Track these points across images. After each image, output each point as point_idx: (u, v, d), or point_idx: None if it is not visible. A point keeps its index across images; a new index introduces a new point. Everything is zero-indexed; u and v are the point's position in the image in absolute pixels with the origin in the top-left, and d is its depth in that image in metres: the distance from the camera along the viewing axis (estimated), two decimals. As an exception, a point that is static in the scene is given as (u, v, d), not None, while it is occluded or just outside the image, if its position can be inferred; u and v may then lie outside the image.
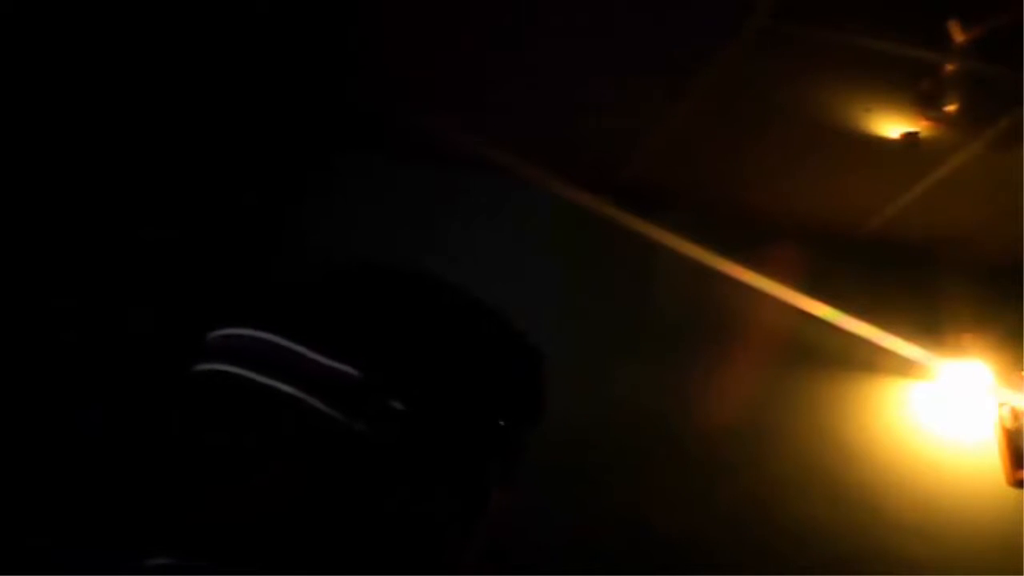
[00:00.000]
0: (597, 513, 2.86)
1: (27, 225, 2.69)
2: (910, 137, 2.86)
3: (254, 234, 2.93)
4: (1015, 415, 3.30)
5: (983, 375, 3.33)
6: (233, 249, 2.88)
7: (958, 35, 2.47)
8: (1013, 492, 3.24)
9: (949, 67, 2.59)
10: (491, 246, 3.11)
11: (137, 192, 2.83)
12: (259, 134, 2.97)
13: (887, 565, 3.01)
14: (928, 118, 2.75)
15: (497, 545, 0.83)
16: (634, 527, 2.85)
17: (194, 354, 0.82)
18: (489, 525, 0.83)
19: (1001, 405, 3.33)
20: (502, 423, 0.84)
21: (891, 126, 2.87)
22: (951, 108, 2.66)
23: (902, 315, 3.27)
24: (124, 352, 2.62)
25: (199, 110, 2.88)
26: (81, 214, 2.75)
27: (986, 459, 3.29)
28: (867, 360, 3.27)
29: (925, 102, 2.69)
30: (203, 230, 2.87)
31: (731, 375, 3.11)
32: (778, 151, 3.07)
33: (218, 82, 2.82)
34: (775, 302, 3.14)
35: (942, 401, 3.35)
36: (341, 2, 2.59)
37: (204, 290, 2.78)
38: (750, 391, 3.12)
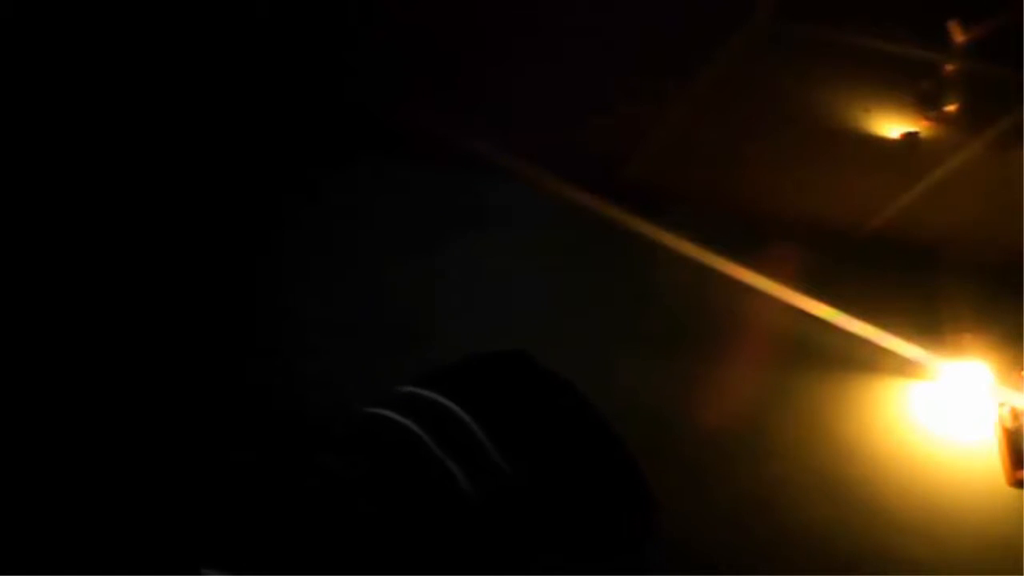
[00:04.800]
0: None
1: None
2: (910, 137, 2.87)
3: (253, 233, 2.93)
4: (1015, 415, 3.30)
5: (983, 375, 3.33)
6: (233, 249, 2.88)
7: (958, 35, 2.47)
8: (1013, 492, 3.23)
9: (949, 67, 2.60)
10: (491, 246, 3.11)
11: (136, 192, 2.83)
12: (261, 137, 2.97)
13: (887, 565, 3.01)
14: (928, 118, 2.76)
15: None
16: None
17: (372, 399, 0.86)
18: None
19: (1001, 405, 3.33)
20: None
21: (891, 126, 2.87)
22: (951, 108, 2.67)
23: (902, 315, 3.26)
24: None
25: (203, 114, 2.87)
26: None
27: (986, 459, 3.28)
28: (867, 360, 3.27)
29: (925, 102, 2.70)
30: (204, 230, 2.87)
31: (731, 375, 3.11)
32: (778, 151, 3.07)
33: (222, 86, 2.82)
34: (775, 302, 3.14)
35: (942, 401, 3.34)
36: (342, 5, 2.59)
37: (203, 287, 2.78)
38: (750, 391, 3.12)
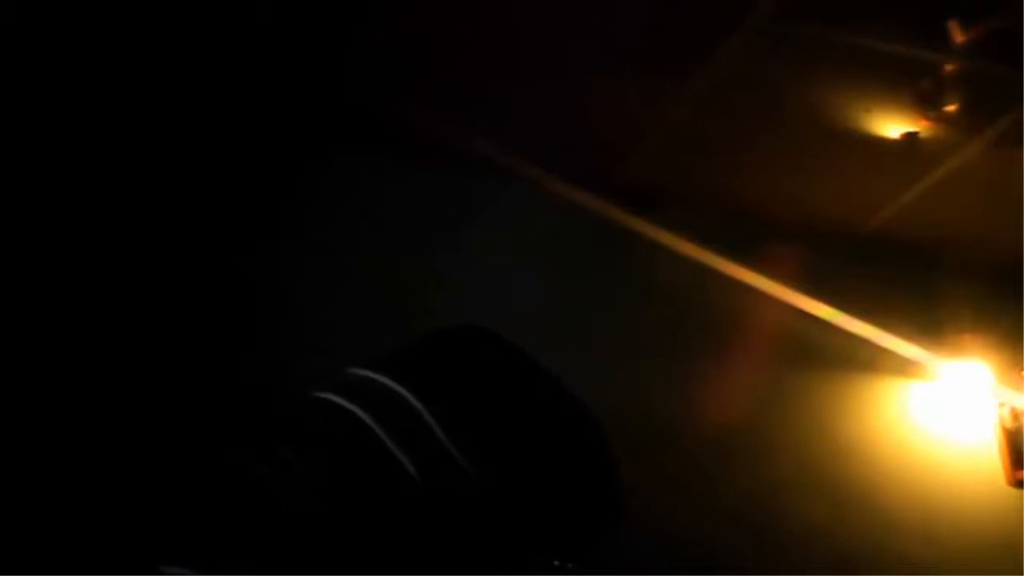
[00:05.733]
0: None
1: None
2: (910, 137, 2.87)
3: (253, 233, 2.93)
4: (1015, 415, 3.30)
5: (983, 375, 3.33)
6: (233, 248, 2.88)
7: (958, 35, 2.47)
8: (1013, 492, 3.23)
9: (949, 67, 2.60)
10: (491, 246, 3.11)
11: (136, 191, 2.83)
12: (261, 136, 2.97)
13: (887, 565, 3.01)
14: (928, 118, 2.75)
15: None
16: (632, 527, 2.84)
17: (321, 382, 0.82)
18: None
19: (1001, 405, 3.32)
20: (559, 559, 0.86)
21: (891, 126, 2.87)
22: (951, 108, 2.66)
23: (902, 315, 3.26)
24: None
25: (202, 114, 2.87)
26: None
27: (986, 459, 3.28)
28: (867, 360, 3.27)
29: (925, 102, 2.70)
30: (204, 229, 2.87)
31: (731, 375, 3.11)
32: (778, 151, 3.06)
33: (221, 85, 2.82)
34: (775, 302, 3.13)
35: (942, 401, 3.34)
36: (342, 5, 2.59)
37: (203, 286, 2.78)
38: (750, 391, 3.12)
